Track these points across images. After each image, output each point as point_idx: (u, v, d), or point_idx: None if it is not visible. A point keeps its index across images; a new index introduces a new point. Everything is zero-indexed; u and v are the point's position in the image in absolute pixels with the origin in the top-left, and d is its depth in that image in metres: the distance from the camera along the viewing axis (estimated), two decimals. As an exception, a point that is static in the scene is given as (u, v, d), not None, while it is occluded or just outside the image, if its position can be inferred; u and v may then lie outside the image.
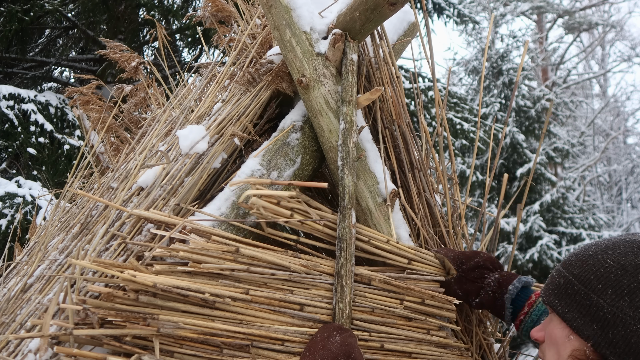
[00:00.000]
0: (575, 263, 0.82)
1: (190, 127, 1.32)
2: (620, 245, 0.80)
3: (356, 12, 1.27)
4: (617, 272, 0.77)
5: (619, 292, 0.75)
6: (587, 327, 0.77)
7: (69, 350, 0.88)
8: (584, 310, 0.78)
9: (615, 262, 0.78)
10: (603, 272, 0.78)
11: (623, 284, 0.75)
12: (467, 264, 1.18)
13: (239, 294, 1.01)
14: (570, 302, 0.80)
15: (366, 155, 1.30)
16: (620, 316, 0.74)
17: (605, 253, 0.80)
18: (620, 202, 16.75)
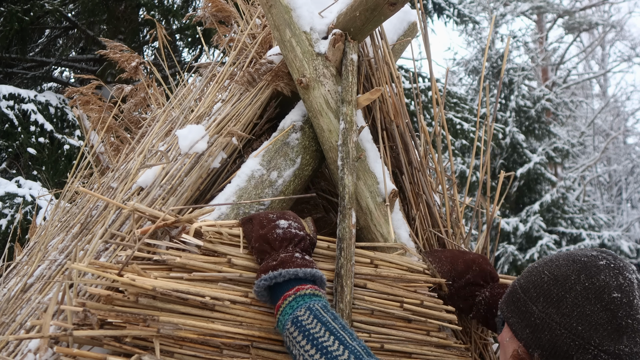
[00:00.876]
0: (524, 275, 0.92)
1: (189, 127, 1.32)
2: (560, 258, 0.88)
3: (356, 12, 1.27)
4: (550, 282, 0.85)
5: (548, 300, 0.84)
6: (522, 330, 0.86)
7: (69, 351, 0.88)
8: (522, 315, 0.87)
9: (550, 273, 0.86)
10: (539, 282, 0.87)
11: (552, 293, 0.84)
12: (458, 282, 1.18)
13: (238, 296, 1.01)
14: (514, 308, 0.89)
15: (366, 155, 1.30)
16: (548, 322, 0.83)
17: (546, 265, 0.88)
18: (620, 202, 16.75)
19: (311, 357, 0.85)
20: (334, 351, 0.84)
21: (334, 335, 0.87)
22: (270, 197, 1.25)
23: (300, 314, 0.91)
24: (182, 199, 1.24)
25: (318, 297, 0.95)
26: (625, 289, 0.80)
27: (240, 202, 1.20)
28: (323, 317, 0.90)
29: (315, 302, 0.93)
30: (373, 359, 0.85)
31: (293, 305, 0.93)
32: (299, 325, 0.89)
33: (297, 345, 0.88)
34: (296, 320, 0.90)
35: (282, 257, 0.97)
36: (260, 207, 1.23)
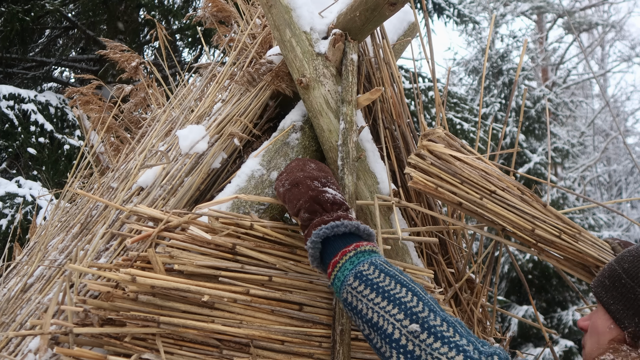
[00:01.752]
0: (627, 258, 0.86)
1: (190, 127, 1.32)
2: None
3: (356, 12, 1.27)
4: None
5: None
6: (629, 319, 0.81)
7: (70, 351, 0.88)
8: (629, 303, 0.82)
9: None
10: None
11: None
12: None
13: (239, 295, 1.01)
14: (616, 294, 0.84)
15: (366, 155, 1.30)
16: None
17: None
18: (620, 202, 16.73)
19: (383, 309, 0.79)
20: (408, 302, 0.79)
21: (405, 287, 0.81)
22: (271, 197, 1.25)
23: (364, 269, 0.85)
24: (183, 200, 1.24)
25: (377, 254, 0.90)
26: None
27: (222, 200, 1.20)
28: (390, 271, 0.84)
29: (377, 258, 0.87)
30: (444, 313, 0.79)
31: (354, 261, 0.87)
32: (364, 279, 0.83)
33: (364, 299, 0.82)
34: (360, 274, 0.84)
35: (338, 214, 0.93)
36: (260, 207, 1.23)
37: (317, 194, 0.98)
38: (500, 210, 1.15)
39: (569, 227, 1.21)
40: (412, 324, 0.76)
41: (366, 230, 0.93)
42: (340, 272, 0.88)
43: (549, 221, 1.19)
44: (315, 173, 1.05)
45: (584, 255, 1.19)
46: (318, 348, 1.06)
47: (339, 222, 0.90)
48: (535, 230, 1.16)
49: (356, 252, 0.88)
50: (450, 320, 0.77)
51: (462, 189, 1.15)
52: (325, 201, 0.96)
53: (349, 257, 0.88)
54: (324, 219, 0.93)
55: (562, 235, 1.18)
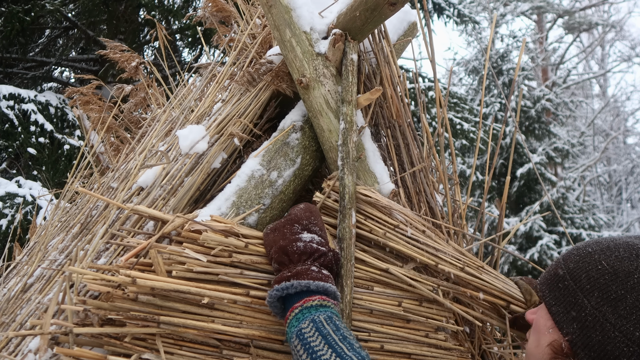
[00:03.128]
0: (573, 257, 0.81)
1: (190, 127, 1.32)
2: (620, 248, 0.78)
3: (356, 12, 1.27)
4: (608, 277, 0.75)
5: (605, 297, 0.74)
6: (568, 324, 0.77)
7: (70, 351, 0.88)
8: (569, 306, 0.77)
9: (609, 266, 0.76)
10: (595, 274, 0.76)
11: (611, 290, 0.74)
12: None
13: (239, 296, 1.01)
14: (559, 295, 0.79)
15: (366, 155, 1.30)
16: (601, 321, 0.74)
17: (604, 254, 0.78)
18: (620, 202, 16.74)
19: None
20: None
21: (332, 348, 0.84)
22: (270, 197, 1.25)
23: (304, 327, 0.89)
24: (183, 200, 1.24)
25: (325, 307, 0.93)
26: None
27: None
28: (324, 330, 0.88)
29: (321, 314, 0.91)
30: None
31: (299, 318, 0.91)
32: (301, 338, 0.88)
33: (300, 358, 0.86)
34: (300, 333, 0.88)
35: (298, 270, 0.96)
36: (261, 207, 1.23)
37: (287, 243, 0.99)
38: (402, 246, 1.16)
39: (471, 260, 1.22)
40: None
41: (320, 287, 0.94)
42: (289, 328, 0.92)
43: (453, 255, 1.20)
44: (299, 214, 1.07)
45: (490, 289, 1.18)
46: (318, 348, 1.06)
47: (289, 284, 0.93)
48: (439, 265, 1.16)
49: (302, 309, 0.92)
50: None
51: (366, 225, 1.17)
52: (293, 252, 0.98)
53: (295, 313, 0.92)
54: (283, 275, 0.96)
55: (465, 268, 1.18)
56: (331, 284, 0.97)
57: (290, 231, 1.02)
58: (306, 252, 0.99)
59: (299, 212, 1.08)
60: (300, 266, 0.97)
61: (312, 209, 1.11)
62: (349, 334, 0.89)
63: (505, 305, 1.20)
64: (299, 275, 0.94)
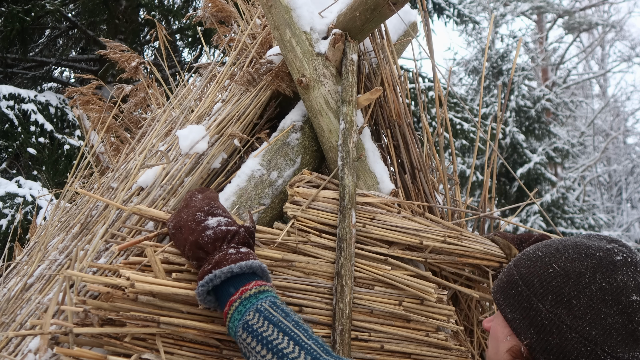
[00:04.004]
0: (524, 262, 0.81)
1: (190, 127, 1.32)
2: (569, 249, 0.78)
3: (356, 12, 1.27)
4: (560, 279, 0.76)
5: (559, 299, 0.75)
6: (525, 330, 0.77)
7: (70, 351, 0.88)
8: (524, 312, 0.77)
9: (560, 268, 0.76)
10: (547, 277, 0.77)
11: (564, 292, 0.75)
12: (526, 242, 1.20)
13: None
14: (513, 302, 0.80)
15: (366, 155, 1.30)
16: (557, 323, 0.74)
17: (553, 256, 0.78)
18: (620, 202, 16.74)
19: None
20: (290, 353, 0.80)
21: (287, 335, 0.83)
22: (271, 197, 1.25)
23: (249, 318, 0.86)
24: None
25: (264, 292, 0.90)
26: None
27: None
28: (274, 317, 0.85)
29: (263, 301, 0.88)
30: (331, 356, 0.79)
31: (241, 310, 0.88)
32: (250, 330, 0.85)
33: (253, 350, 0.84)
34: (246, 325, 0.86)
35: (216, 258, 0.92)
36: (261, 206, 1.23)
37: (197, 236, 0.96)
38: (384, 232, 1.18)
39: (450, 230, 1.23)
40: None
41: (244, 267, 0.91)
42: (231, 322, 0.89)
43: (432, 229, 1.21)
44: (199, 204, 1.04)
45: (472, 253, 1.21)
46: (318, 348, 1.06)
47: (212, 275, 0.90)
48: (423, 241, 1.18)
49: (241, 300, 0.89)
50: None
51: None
52: (205, 243, 0.95)
53: (235, 306, 0.89)
54: (204, 269, 0.92)
55: (446, 239, 1.20)
56: (253, 259, 0.94)
57: (195, 222, 0.99)
58: (218, 238, 0.96)
59: (197, 201, 1.05)
60: (217, 254, 0.94)
61: (209, 195, 1.09)
62: (298, 318, 0.88)
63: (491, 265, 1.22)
64: (219, 264, 0.92)
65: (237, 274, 0.91)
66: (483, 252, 1.22)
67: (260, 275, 0.95)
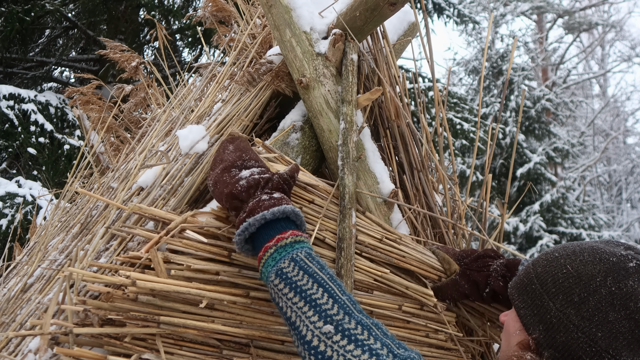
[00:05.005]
0: (541, 262, 0.85)
1: (190, 127, 1.32)
2: (585, 252, 0.81)
3: (356, 12, 1.27)
4: (572, 280, 0.78)
5: (569, 299, 0.77)
6: (534, 325, 0.80)
7: (70, 351, 0.88)
8: (535, 309, 0.81)
9: (573, 269, 0.79)
10: (560, 277, 0.80)
11: (574, 292, 0.77)
12: (468, 257, 1.17)
13: (239, 298, 1.01)
14: (527, 298, 0.83)
15: (366, 155, 1.30)
16: (565, 322, 0.77)
17: (569, 258, 0.81)
18: (620, 202, 16.74)
19: (300, 310, 0.81)
20: (323, 304, 0.80)
21: (322, 287, 0.83)
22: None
23: (284, 266, 0.86)
24: (183, 200, 1.24)
25: (300, 243, 0.90)
26: None
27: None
28: (309, 268, 0.86)
29: (298, 251, 0.88)
30: (363, 315, 0.80)
31: (275, 257, 0.88)
32: (284, 277, 0.85)
33: (284, 297, 0.84)
34: (280, 272, 0.86)
35: (250, 206, 0.93)
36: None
37: (231, 188, 0.98)
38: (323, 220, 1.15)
39: (389, 232, 1.22)
40: (327, 325, 0.78)
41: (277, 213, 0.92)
42: (264, 267, 0.90)
43: (371, 228, 1.20)
44: (231, 157, 1.05)
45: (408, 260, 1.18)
46: (318, 348, 1.06)
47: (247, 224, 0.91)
48: (358, 236, 1.16)
49: (277, 248, 0.89)
50: (365, 324, 0.78)
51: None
52: (240, 192, 0.97)
53: (271, 253, 0.89)
54: (240, 217, 0.94)
55: (383, 239, 1.19)
56: (286, 204, 0.94)
57: (230, 176, 1.01)
58: (251, 186, 0.97)
59: (229, 155, 1.07)
60: (252, 200, 0.95)
61: (240, 146, 1.09)
62: (333, 272, 0.88)
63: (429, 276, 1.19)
64: (253, 211, 0.92)
65: (270, 220, 0.92)
66: (420, 260, 1.19)
67: (297, 223, 0.95)
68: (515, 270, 1.09)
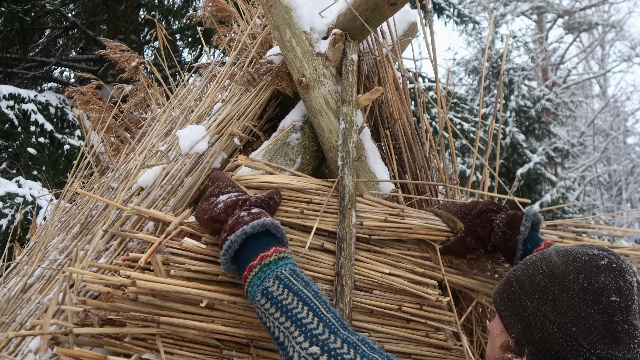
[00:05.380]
0: (520, 267, 0.89)
1: (190, 127, 1.32)
2: (560, 254, 0.85)
3: (356, 12, 1.27)
4: (547, 279, 0.83)
5: (544, 297, 0.81)
6: (514, 325, 0.83)
7: (70, 351, 0.88)
8: (515, 310, 0.84)
9: (548, 270, 0.84)
10: (536, 277, 0.84)
11: (549, 290, 0.81)
12: (471, 213, 1.21)
13: (239, 298, 1.01)
14: (507, 300, 0.87)
15: (366, 155, 1.30)
16: (542, 319, 0.80)
17: (545, 260, 0.86)
18: (620, 202, 16.74)
19: (287, 330, 0.82)
20: (308, 323, 0.81)
21: (307, 305, 0.84)
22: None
23: (269, 285, 0.87)
24: (183, 200, 1.24)
25: (284, 259, 0.91)
26: (625, 293, 0.78)
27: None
28: (294, 286, 0.87)
29: (282, 268, 0.89)
30: (348, 332, 0.81)
31: (260, 276, 0.89)
32: (269, 297, 0.86)
33: (271, 317, 0.85)
34: (266, 291, 0.87)
35: (230, 224, 0.95)
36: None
37: (210, 212, 1.00)
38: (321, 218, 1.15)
39: (390, 208, 1.23)
40: (312, 347, 0.78)
41: (257, 226, 0.93)
42: (249, 287, 0.91)
43: (372, 209, 1.21)
44: (210, 189, 1.09)
45: (415, 230, 1.20)
46: (318, 348, 1.05)
47: (229, 242, 0.92)
48: (363, 222, 1.17)
49: (261, 266, 0.90)
50: (351, 341, 0.79)
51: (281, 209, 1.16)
52: (218, 214, 0.99)
53: (255, 272, 0.90)
54: (221, 237, 0.95)
55: (387, 217, 1.20)
56: (265, 217, 0.96)
57: (208, 203, 1.04)
58: (229, 206, 1.00)
59: (209, 189, 1.11)
60: (231, 219, 0.97)
61: (217, 176, 1.13)
62: (317, 289, 0.89)
63: (437, 239, 1.21)
64: (233, 228, 0.94)
65: (251, 234, 0.93)
66: (426, 227, 1.21)
67: (278, 237, 0.96)
68: (516, 227, 1.14)
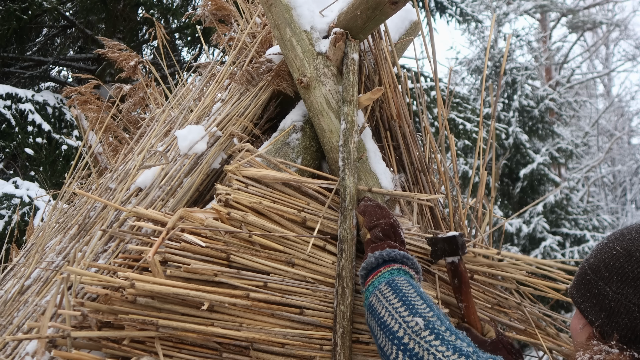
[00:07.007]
0: (591, 253, 0.84)
1: (189, 127, 1.30)
2: (632, 231, 0.79)
3: (357, 11, 1.25)
4: (623, 259, 0.76)
5: (623, 279, 0.75)
6: (596, 315, 0.78)
7: (67, 354, 0.86)
8: (594, 299, 0.79)
9: (622, 249, 0.77)
10: (610, 260, 0.78)
11: (627, 271, 0.75)
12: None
13: (238, 299, 0.99)
14: (584, 292, 0.81)
15: (367, 155, 1.29)
16: (624, 303, 0.74)
17: (617, 240, 0.80)
18: (625, 203, 16.67)
19: (395, 310, 0.85)
20: (419, 307, 0.84)
21: (423, 298, 0.87)
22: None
23: (399, 280, 0.93)
24: (182, 200, 1.22)
25: (406, 273, 0.98)
26: None
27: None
28: (417, 287, 0.93)
29: (406, 276, 0.96)
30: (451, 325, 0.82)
31: (393, 273, 0.96)
32: (394, 286, 0.91)
33: (385, 300, 0.89)
34: (392, 282, 0.92)
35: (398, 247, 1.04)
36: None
37: (397, 225, 1.10)
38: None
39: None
40: (416, 318, 0.80)
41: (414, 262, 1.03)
42: (377, 278, 0.96)
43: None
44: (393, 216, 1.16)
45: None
46: (319, 351, 1.04)
47: (398, 252, 1.01)
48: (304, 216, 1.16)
49: (398, 269, 0.98)
50: (454, 330, 0.79)
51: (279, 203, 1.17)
52: (397, 234, 1.09)
53: (390, 269, 0.97)
54: (391, 243, 1.04)
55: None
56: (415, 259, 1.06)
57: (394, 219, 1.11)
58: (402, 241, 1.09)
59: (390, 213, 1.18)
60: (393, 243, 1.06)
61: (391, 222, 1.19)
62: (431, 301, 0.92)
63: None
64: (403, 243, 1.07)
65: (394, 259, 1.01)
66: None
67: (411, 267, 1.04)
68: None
